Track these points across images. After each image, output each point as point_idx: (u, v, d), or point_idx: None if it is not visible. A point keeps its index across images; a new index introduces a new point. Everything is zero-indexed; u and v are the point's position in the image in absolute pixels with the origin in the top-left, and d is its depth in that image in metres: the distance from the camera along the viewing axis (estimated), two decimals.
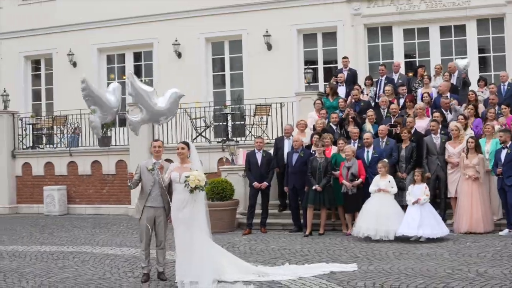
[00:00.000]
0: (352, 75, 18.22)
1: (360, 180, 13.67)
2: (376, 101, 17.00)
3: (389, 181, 13.12)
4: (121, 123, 21.04)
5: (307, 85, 19.79)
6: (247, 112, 20.39)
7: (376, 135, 14.69)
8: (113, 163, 20.15)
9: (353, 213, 13.77)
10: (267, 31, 21.66)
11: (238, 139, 19.86)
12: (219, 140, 19.69)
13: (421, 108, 15.22)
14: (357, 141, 14.71)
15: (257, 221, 15.02)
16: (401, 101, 16.39)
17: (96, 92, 9.53)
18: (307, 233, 14.04)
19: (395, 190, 13.14)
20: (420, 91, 16.56)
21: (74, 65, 24.58)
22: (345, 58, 18.57)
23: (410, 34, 20.78)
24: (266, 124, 19.00)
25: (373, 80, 17.89)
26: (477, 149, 13.42)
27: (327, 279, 9.50)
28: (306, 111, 17.42)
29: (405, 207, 13.06)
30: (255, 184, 14.79)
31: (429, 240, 12.41)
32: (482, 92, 16.61)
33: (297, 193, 14.62)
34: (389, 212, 12.89)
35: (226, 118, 19.55)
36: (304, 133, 15.74)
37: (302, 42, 21.99)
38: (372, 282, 9.18)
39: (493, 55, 20.18)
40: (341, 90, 17.63)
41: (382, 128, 14.47)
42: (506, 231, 13.05)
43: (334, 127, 15.65)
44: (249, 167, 15.08)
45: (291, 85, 20.88)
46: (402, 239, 12.60)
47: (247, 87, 22.38)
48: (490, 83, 17.03)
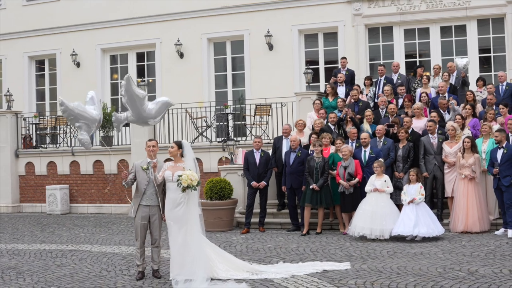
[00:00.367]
0: (350, 75, 18.28)
1: (357, 179, 13.74)
2: (376, 101, 17.07)
3: (384, 181, 13.19)
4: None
5: (307, 85, 19.87)
6: (247, 112, 20.51)
7: (373, 135, 14.76)
8: (114, 162, 20.26)
9: (349, 212, 13.83)
10: (268, 32, 21.77)
11: (239, 139, 20.00)
12: (220, 140, 19.79)
13: (419, 108, 15.28)
14: (355, 141, 14.78)
15: (255, 220, 15.12)
16: (400, 101, 16.45)
17: (76, 110, 9.71)
18: (304, 232, 14.13)
19: (390, 189, 13.22)
20: (419, 91, 16.61)
21: (78, 65, 24.76)
22: (343, 58, 18.65)
23: (411, 34, 20.84)
24: (267, 124, 19.11)
25: (373, 80, 17.94)
26: (473, 149, 13.48)
27: (319, 277, 9.59)
28: (306, 111, 17.50)
29: (402, 207, 13.14)
30: (253, 183, 14.88)
31: (425, 240, 12.50)
32: (481, 92, 16.67)
33: (294, 192, 14.71)
34: (384, 211, 12.96)
35: (227, 118, 19.64)
36: (302, 133, 15.84)
37: (304, 42, 22.07)
38: (363, 280, 9.27)
39: (493, 55, 20.20)
40: (341, 90, 17.69)
41: (379, 128, 14.55)
42: (502, 230, 13.10)
43: (332, 127, 15.71)
44: (247, 166, 15.17)
45: (292, 85, 21.02)
46: (398, 238, 12.69)
47: (248, 87, 22.50)
48: (489, 83, 17.05)
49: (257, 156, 15.11)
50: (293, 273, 9.96)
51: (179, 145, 9.98)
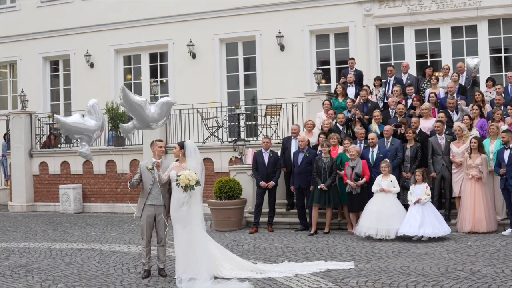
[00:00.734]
0: (358, 76, 18.32)
1: (364, 180, 13.81)
2: (385, 101, 17.12)
3: (391, 181, 13.26)
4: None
5: (320, 85, 19.93)
6: (258, 112, 20.62)
7: (381, 135, 14.82)
8: (127, 162, 20.45)
9: (357, 212, 13.90)
10: (280, 32, 21.85)
11: (250, 139, 20.12)
12: (231, 140, 19.91)
13: (427, 109, 15.32)
14: (363, 141, 14.84)
15: (264, 220, 15.24)
16: (409, 101, 16.50)
17: (73, 125, 9.82)
18: (312, 232, 14.24)
19: (397, 189, 13.28)
20: (428, 91, 16.64)
21: (92, 65, 24.96)
22: (351, 59, 18.71)
23: (422, 34, 20.83)
24: (277, 124, 19.22)
25: (382, 80, 17.99)
26: (480, 149, 13.51)
27: (321, 277, 9.69)
28: (316, 111, 17.57)
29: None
30: (262, 183, 14.99)
31: (431, 240, 12.55)
32: (490, 92, 16.64)
33: (303, 192, 14.81)
34: (390, 211, 13.03)
35: (238, 118, 19.76)
36: (311, 133, 15.93)
37: (315, 42, 22.13)
38: (365, 280, 9.35)
39: (504, 55, 20.16)
40: (350, 91, 17.76)
41: (387, 128, 14.61)
42: (509, 231, 13.12)
43: (341, 127, 15.79)
44: (256, 166, 15.28)
45: (303, 86, 21.06)
46: (404, 238, 12.75)
47: (260, 87, 22.59)
48: (498, 83, 17.02)
49: (265, 156, 15.21)
50: (296, 272, 10.06)
51: (182, 145, 10.14)
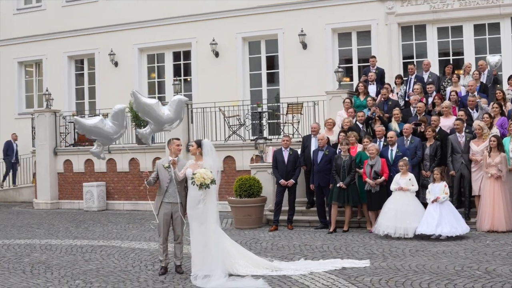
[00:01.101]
0: (380, 74, 18.28)
1: (383, 178, 13.79)
2: (406, 99, 17.08)
3: (409, 179, 13.23)
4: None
5: (343, 83, 19.96)
6: (281, 110, 20.67)
7: (401, 133, 14.80)
8: (150, 160, 20.62)
9: (376, 210, 13.88)
10: (302, 31, 21.89)
11: (272, 137, 20.19)
12: (252, 138, 20.00)
13: (447, 107, 15.25)
14: (382, 139, 14.83)
15: (284, 218, 15.30)
16: (430, 99, 16.44)
17: (93, 127, 9.94)
18: (331, 230, 14.27)
19: (415, 188, 13.26)
20: (449, 89, 16.57)
21: (116, 64, 25.20)
22: (373, 57, 18.66)
23: (444, 32, 20.74)
24: (298, 122, 19.26)
25: (403, 78, 17.95)
26: (500, 147, 13.43)
27: (336, 275, 9.73)
28: (337, 109, 17.56)
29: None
30: (282, 181, 15.05)
31: (449, 238, 12.50)
32: None
33: (322, 190, 14.84)
34: (408, 210, 13.01)
35: (260, 116, 19.83)
36: (332, 131, 15.95)
37: (337, 41, 22.13)
38: (379, 278, 9.38)
39: None
40: (371, 89, 17.73)
41: (407, 126, 14.59)
42: None
43: (361, 126, 15.80)
44: (276, 164, 15.34)
45: (326, 84, 21.05)
46: (423, 237, 12.71)
47: (283, 85, 22.65)
48: None
49: (285, 155, 15.26)
50: (312, 270, 10.09)
51: (199, 144, 10.24)
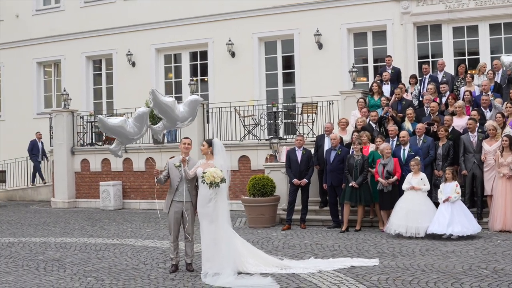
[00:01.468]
0: (396, 73, 18.30)
1: (396, 177, 13.82)
2: (420, 99, 17.09)
3: (421, 179, 13.26)
4: None
5: (359, 83, 20.01)
6: (296, 110, 20.74)
7: (414, 133, 14.82)
8: (166, 159, 20.68)
9: (388, 210, 13.91)
10: (318, 31, 21.96)
11: (287, 137, 20.26)
12: (267, 138, 20.08)
13: (460, 107, 15.25)
14: (395, 139, 14.85)
15: (297, 217, 15.37)
16: (444, 99, 16.43)
17: (115, 127, 10.09)
18: (343, 229, 14.32)
19: (427, 187, 13.29)
20: (463, 89, 16.55)
21: (133, 64, 25.42)
22: (388, 56, 18.69)
23: (460, 32, 20.71)
24: (313, 122, 19.33)
25: (418, 78, 17.95)
26: None
27: (344, 273, 9.79)
28: (351, 109, 17.60)
29: None
30: (295, 181, 15.12)
31: (461, 238, 12.52)
32: None
33: (335, 190, 14.90)
34: (420, 209, 13.03)
35: (275, 116, 19.91)
36: (345, 131, 16.00)
37: (353, 40, 22.17)
38: (386, 276, 9.43)
39: None
40: (386, 89, 17.75)
41: (419, 126, 14.61)
42: None
43: (374, 125, 15.83)
44: (289, 164, 15.42)
45: (341, 84, 21.08)
46: (434, 236, 12.73)
47: (298, 85, 22.73)
48: None
49: (299, 154, 15.33)
50: (321, 268, 10.16)
51: (210, 143, 10.35)
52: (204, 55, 24.74)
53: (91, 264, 11.39)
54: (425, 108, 16.14)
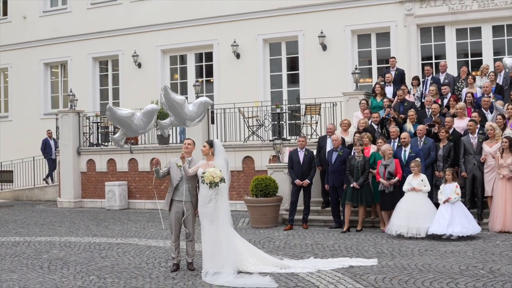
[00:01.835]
0: (400, 75, 18.40)
1: (397, 178, 13.94)
2: (422, 101, 17.19)
3: (421, 180, 13.39)
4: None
5: (364, 84, 20.13)
6: (300, 111, 20.87)
7: (415, 134, 14.94)
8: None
9: (389, 210, 14.02)
10: (322, 32, 22.08)
11: (291, 137, 20.39)
12: (271, 139, 20.22)
13: (461, 108, 15.36)
14: (396, 140, 14.97)
15: (299, 217, 15.51)
16: (445, 101, 16.55)
17: (123, 118, 10.32)
18: (344, 229, 14.46)
19: (428, 188, 13.41)
20: (465, 91, 16.65)
21: (139, 66, 25.60)
22: (392, 58, 18.80)
23: (463, 33, 20.80)
24: (316, 123, 19.46)
25: (421, 80, 18.06)
26: None
27: (342, 273, 9.92)
28: (354, 110, 17.74)
29: None
30: (297, 181, 15.27)
31: (460, 238, 12.63)
32: None
33: (336, 190, 15.04)
34: (421, 210, 13.16)
35: (278, 117, 20.05)
36: (347, 132, 16.15)
37: (357, 42, 22.28)
38: (383, 276, 9.56)
39: None
40: (388, 90, 17.86)
41: (420, 127, 14.74)
42: None
43: (376, 127, 15.96)
44: (291, 165, 15.56)
45: (345, 85, 21.20)
46: (434, 237, 12.85)
47: (303, 87, 22.87)
48: None
49: (301, 155, 15.48)
50: (319, 268, 10.29)
51: (211, 144, 10.52)
52: (209, 56, 24.91)
53: (94, 263, 11.56)
54: (427, 110, 16.26)
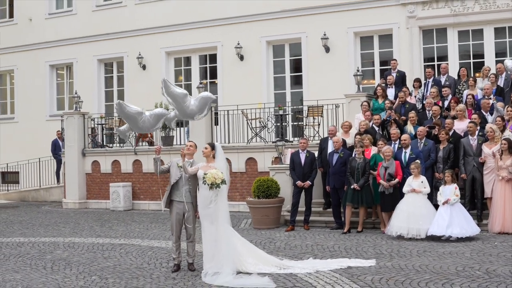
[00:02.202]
0: (401, 77, 18.51)
1: (397, 180, 14.06)
2: (424, 103, 17.30)
3: (421, 182, 13.51)
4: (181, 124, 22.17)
5: (367, 86, 20.24)
6: (303, 113, 21.00)
7: (415, 136, 15.06)
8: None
9: (389, 211, 14.14)
10: (325, 34, 22.21)
11: (294, 139, 20.52)
12: (274, 140, 20.34)
13: (461, 110, 15.46)
14: (397, 142, 15.09)
15: (301, 218, 15.64)
16: (446, 103, 16.65)
17: (131, 114, 10.56)
18: (345, 230, 14.59)
19: (427, 190, 13.53)
20: (466, 92, 16.75)
21: (144, 67, 25.78)
22: (393, 60, 18.93)
23: (465, 35, 20.90)
24: (319, 125, 19.59)
25: (423, 82, 18.17)
26: (511, 150, 13.61)
27: (340, 273, 10.06)
28: (355, 112, 17.85)
29: None
30: (298, 183, 15.40)
31: (459, 239, 12.74)
32: None
33: (337, 192, 15.17)
34: (421, 212, 13.28)
35: (281, 119, 20.18)
36: (348, 134, 16.26)
37: (359, 44, 22.41)
38: (380, 277, 9.69)
39: None
40: (390, 92, 17.98)
41: (421, 129, 14.86)
42: None
43: (376, 128, 16.08)
44: (293, 166, 15.70)
45: (348, 87, 21.30)
46: (434, 238, 12.97)
47: (306, 88, 23.00)
48: None
49: (302, 157, 15.61)
50: (318, 268, 10.43)
51: (213, 146, 10.69)
52: (213, 58, 25.06)
53: (96, 263, 11.73)
54: (427, 112, 16.37)
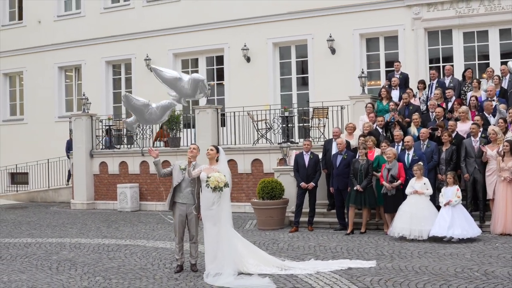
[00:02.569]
0: (404, 79, 18.59)
1: (400, 181, 14.17)
2: (428, 104, 17.37)
3: (424, 183, 13.61)
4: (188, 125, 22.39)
5: (373, 87, 20.33)
6: (309, 115, 21.12)
7: (419, 138, 15.15)
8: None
9: (392, 213, 14.24)
10: (330, 36, 22.31)
11: (300, 140, 20.63)
12: (279, 142, 20.47)
13: (464, 112, 15.54)
14: (400, 143, 15.19)
15: (305, 219, 15.77)
16: (450, 104, 16.73)
17: (138, 107, 10.72)
18: (348, 231, 14.71)
19: (430, 192, 13.62)
20: (470, 94, 16.82)
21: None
22: (397, 62, 19.02)
23: (470, 37, 20.96)
24: (324, 126, 19.70)
25: (426, 83, 18.25)
26: None
27: (340, 274, 10.18)
28: (360, 114, 17.94)
29: None
30: (302, 184, 15.53)
31: (461, 241, 12.84)
32: None
33: (341, 193, 15.29)
34: (423, 213, 13.39)
35: (286, 120, 20.30)
36: (352, 136, 16.38)
37: (365, 46, 22.51)
38: (379, 278, 9.81)
39: None
40: (395, 94, 18.06)
41: (423, 131, 14.95)
42: None
43: (380, 130, 16.18)
44: (297, 168, 15.82)
45: (354, 88, 21.35)
46: (436, 239, 13.08)
47: (312, 90, 23.11)
48: None
49: (306, 158, 15.73)
50: (319, 269, 10.56)
51: (217, 149, 10.85)
52: (220, 60, 25.21)
53: (101, 264, 11.90)
54: (430, 113, 16.44)
